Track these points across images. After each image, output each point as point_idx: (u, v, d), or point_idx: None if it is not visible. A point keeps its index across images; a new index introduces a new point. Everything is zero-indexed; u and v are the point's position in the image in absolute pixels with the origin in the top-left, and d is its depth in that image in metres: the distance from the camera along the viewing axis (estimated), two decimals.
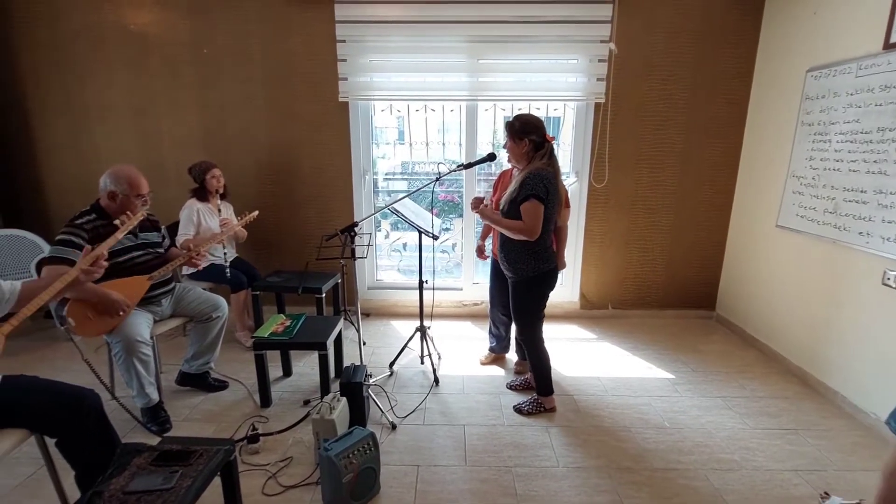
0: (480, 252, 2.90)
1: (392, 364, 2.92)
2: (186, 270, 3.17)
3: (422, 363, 2.96)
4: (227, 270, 3.09)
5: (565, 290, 3.81)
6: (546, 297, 2.37)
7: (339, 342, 2.77)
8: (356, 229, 2.35)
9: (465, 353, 3.17)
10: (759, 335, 3.31)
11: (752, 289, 3.40)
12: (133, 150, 3.55)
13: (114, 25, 3.35)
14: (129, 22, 3.35)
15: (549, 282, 2.34)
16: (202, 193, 3.15)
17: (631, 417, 2.46)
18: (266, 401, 2.51)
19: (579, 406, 2.56)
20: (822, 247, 2.75)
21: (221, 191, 3.22)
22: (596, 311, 3.86)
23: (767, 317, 3.24)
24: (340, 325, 2.71)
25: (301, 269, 3.54)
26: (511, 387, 2.72)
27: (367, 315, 3.85)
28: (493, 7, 3.22)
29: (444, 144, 3.83)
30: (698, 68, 3.38)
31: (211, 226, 3.12)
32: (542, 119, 2.24)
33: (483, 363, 3.02)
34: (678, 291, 3.81)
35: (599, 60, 3.34)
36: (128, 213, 1.95)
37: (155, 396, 2.30)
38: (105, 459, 1.65)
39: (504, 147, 2.30)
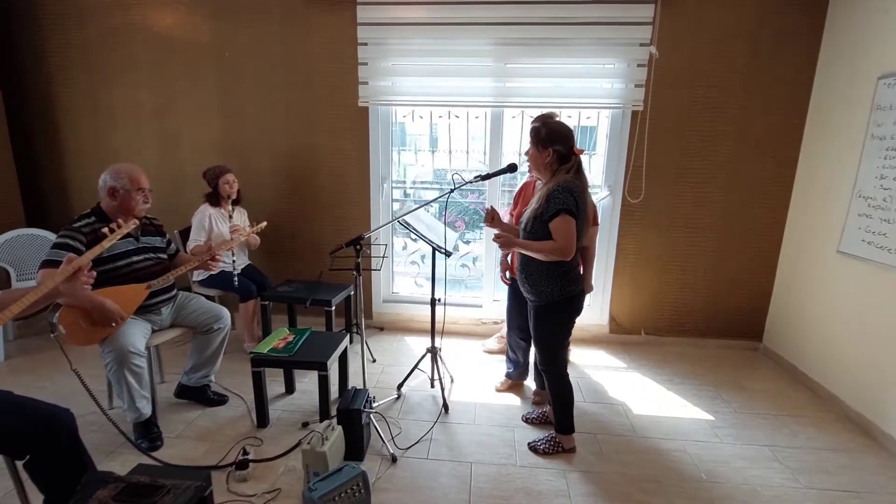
0: (507, 272, 2.67)
1: (400, 386, 2.73)
2: (197, 276, 3.09)
3: (432, 387, 2.76)
4: (236, 278, 2.99)
5: (593, 312, 3.53)
6: (572, 323, 2.13)
7: (345, 359, 2.59)
8: (364, 241, 2.18)
9: (480, 377, 2.95)
10: (813, 373, 2.94)
11: (806, 320, 3.03)
12: (153, 152, 3.53)
13: (139, 28, 3.34)
14: (154, 24, 3.34)
15: (576, 306, 2.10)
16: (215, 198, 3.07)
17: (662, 466, 2.17)
18: (263, 420, 2.37)
19: (602, 448, 2.29)
20: (891, 278, 2.38)
21: (234, 196, 3.13)
22: (627, 336, 3.55)
23: (823, 353, 2.87)
24: (345, 343, 2.54)
25: (313, 280, 3.41)
26: (527, 420, 2.48)
27: (380, 329, 3.68)
28: (523, 8, 3.02)
29: (468, 153, 3.64)
30: (750, 74, 3.06)
31: (222, 231, 3.03)
32: (572, 129, 2.01)
33: (498, 390, 2.79)
34: (721, 319, 3.46)
35: (638, 65, 3.08)
36: (119, 220, 1.85)
37: (147, 411, 2.18)
38: (74, 485, 1.52)
39: (525, 154, 2.08)
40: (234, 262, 2.98)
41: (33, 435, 1.50)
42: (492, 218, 2.21)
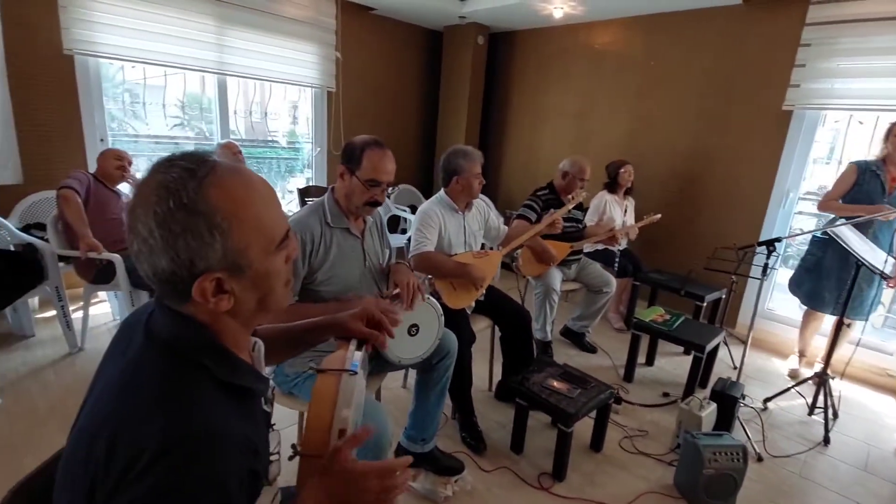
0: None
1: (768, 400, 2.64)
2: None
3: (810, 414, 2.54)
4: (618, 258, 3.48)
5: None
6: None
7: (714, 352, 2.71)
8: (776, 245, 2.23)
9: (877, 430, 2.51)
10: None
11: None
12: (566, 148, 4.36)
13: (580, 46, 4.18)
14: (593, 42, 4.10)
15: None
16: (612, 187, 3.59)
17: None
18: (629, 376, 2.79)
19: None
20: None
21: (629, 186, 3.59)
22: None
23: None
24: (721, 337, 2.66)
25: (682, 273, 3.57)
26: None
27: (743, 342, 3.52)
28: None
29: None
30: None
31: (613, 216, 3.54)
32: None
33: None
34: None
35: None
36: (573, 194, 2.53)
37: (549, 336, 2.93)
38: (524, 360, 2.30)
39: None
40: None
41: (510, 318, 2.34)
42: None
